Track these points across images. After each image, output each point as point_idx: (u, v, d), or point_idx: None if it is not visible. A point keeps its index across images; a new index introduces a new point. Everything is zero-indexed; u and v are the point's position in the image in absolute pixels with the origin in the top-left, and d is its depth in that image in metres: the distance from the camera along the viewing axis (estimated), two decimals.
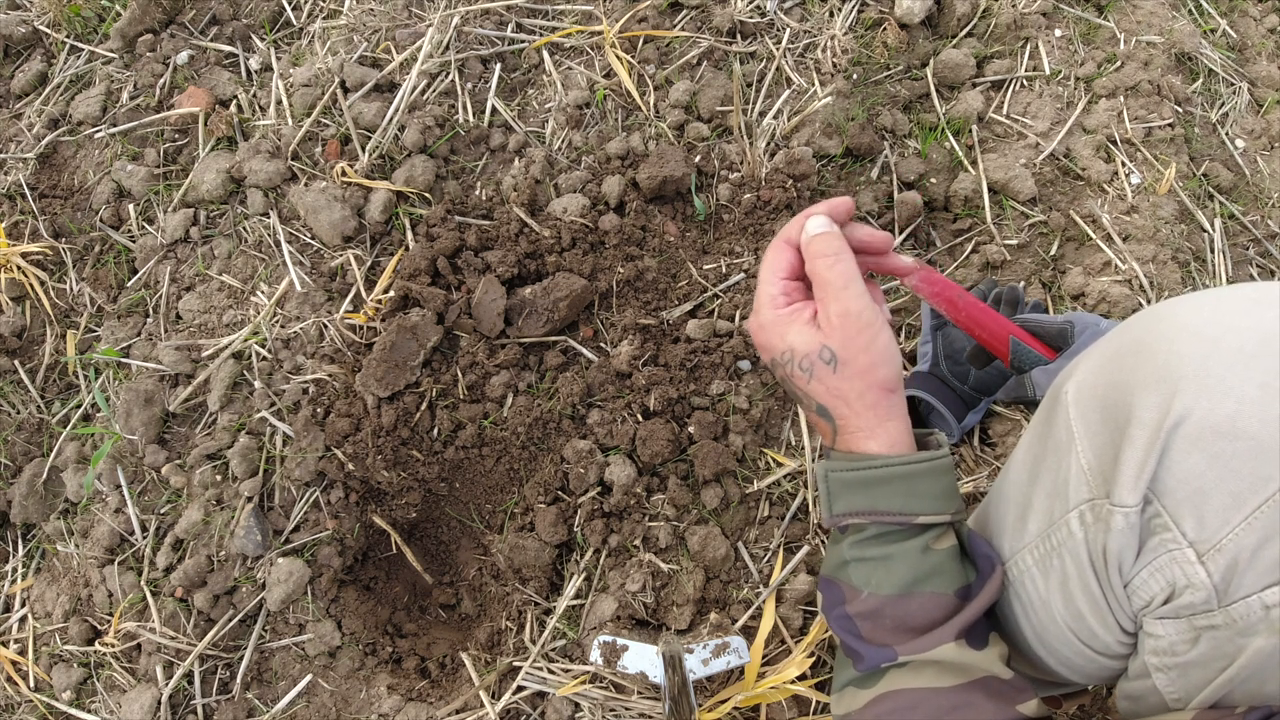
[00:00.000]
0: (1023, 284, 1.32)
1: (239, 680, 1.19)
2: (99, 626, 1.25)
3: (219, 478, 1.26)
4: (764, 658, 1.11)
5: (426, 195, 1.38)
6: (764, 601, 1.14)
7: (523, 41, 1.49)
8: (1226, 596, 0.55)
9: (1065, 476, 0.64)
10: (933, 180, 1.40)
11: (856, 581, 0.74)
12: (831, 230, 0.74)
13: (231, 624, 1.20)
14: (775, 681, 1.07)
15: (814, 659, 1.10)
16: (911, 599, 0.71)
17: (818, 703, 1.10)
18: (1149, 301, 1.28)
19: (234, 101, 1.49)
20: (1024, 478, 0.72)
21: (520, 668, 1.14)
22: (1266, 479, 0.52)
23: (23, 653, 1.27)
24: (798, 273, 0.76)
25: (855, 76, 1.45)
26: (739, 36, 1.48)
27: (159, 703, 1.17)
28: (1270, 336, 0.54)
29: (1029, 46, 1.49)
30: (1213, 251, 1.38)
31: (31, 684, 1.25)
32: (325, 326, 1.31)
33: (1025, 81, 1.47)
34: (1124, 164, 1.39)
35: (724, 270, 1.33)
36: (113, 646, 1.21)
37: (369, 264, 1.35)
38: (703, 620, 1.15)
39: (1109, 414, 0.60)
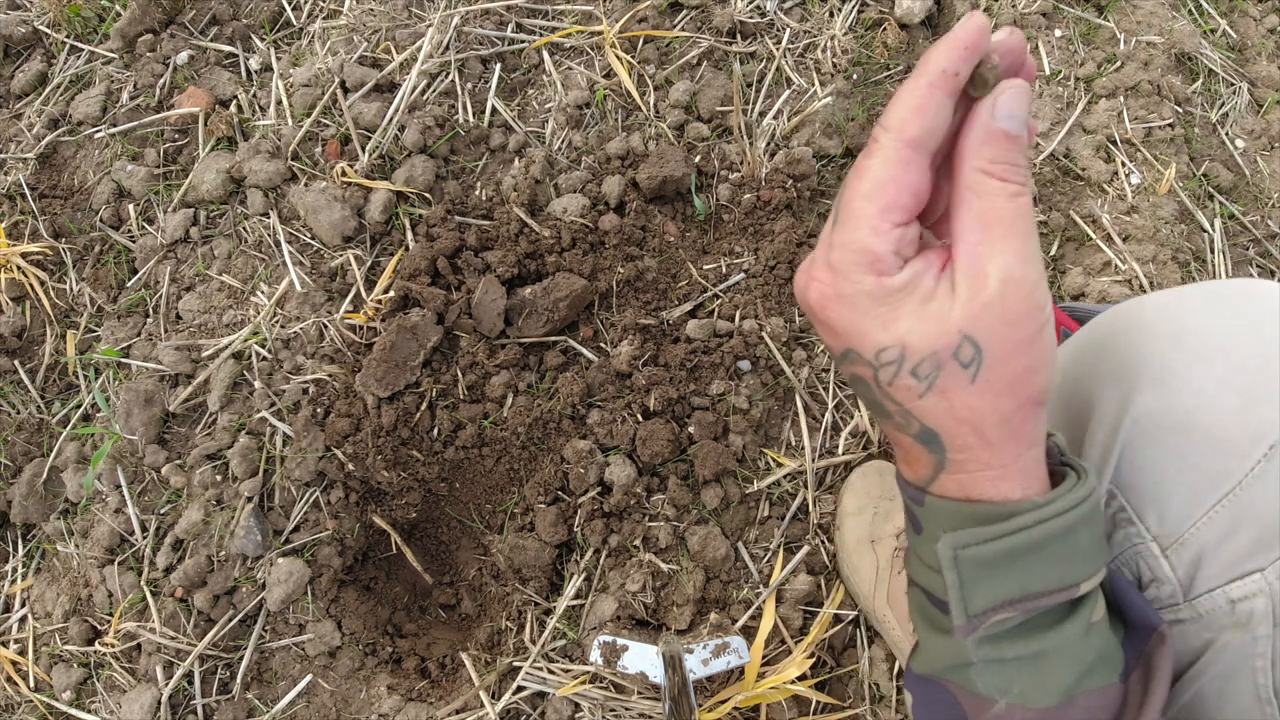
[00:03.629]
0: None
1: (239, 680, 1.19)
2: (99, 626, 1.25)
3: (219, 478, 1.26)
4: (764, 658, 1.11)
5: (426, 195, 1.38)
6: (764, 601, 1.14)
7: (523, 41, 1.49)
8: (1191, 590, 0.55)
9: None
10: None
11: (987, 689, 0.50)
12: (1025, 119, 0.44)
13: (231, 624, 1.20)
14: (775, 681, 1.07)
15: (814, 659, 1.10)
16: (1073, 707, 0.49)
17: (818, 703, 1.10)
18: None
19: (234, 101, 1.49)
20: None
21: (520, 668, 1.14)
22: (1226, 473, 0.52)
23: (23, 653, 1.27)
24: (920, 204, 0.46)
25: (855, 76, 1.45)
26: (739, 36, 1.48)
27: (159, 703, 1.17)
28: (1230, 333, 0.54)
29: (1029, 47, 1.48)
30: (1213, 252, 1.38)
31: (31, 684, 1.25)
32: (325, 326, 1.31)
33: None
34: (1124, 164, 1.39)
35: (724, 270, 1.33)
36: (113, 646, 1.21)
37: (369, 264, 1.35)
38: (703, 620, 1.15)
39: (1071, 411, 0.60)
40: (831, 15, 1.50)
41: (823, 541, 1.18)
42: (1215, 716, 0.56)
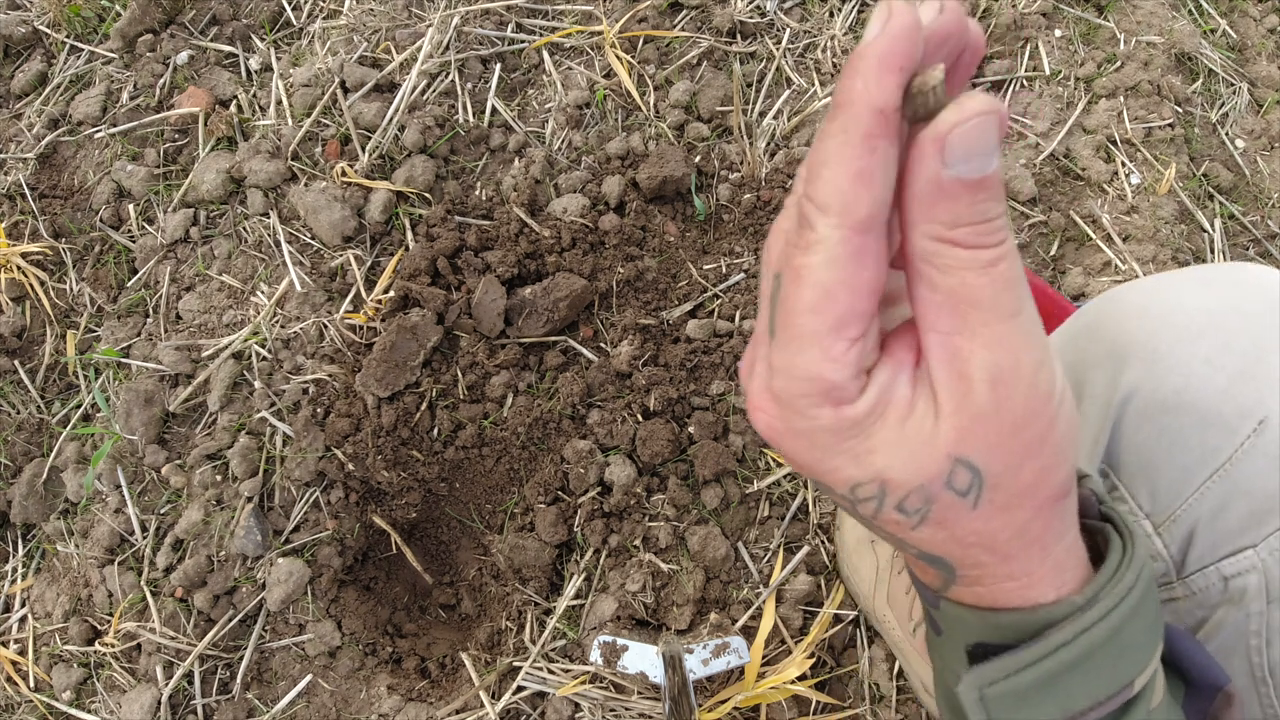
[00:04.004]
0: None
1: (239, 680, 1.19)
2: (99, 626, 1.25)
3: (219, 478, 1.26)
4: (764, 658, 1.11)
5: (426, 195, 1.38)
6: (764, 601, 1.14)
7: (523, 41, 1.49)
8: (1185, 568, 0.55)
9: None
10: None
11: None
12: (992, 151, 0.30)
13: (231, 624, 1.20)
14: (775, 681, 1.07)
15: (814, 659, 1.10)
16: None
17: (818, 703, 1.10)
18: None
19: (234, 101, 1.49)
20: None
21: (520, 668, 1.14)
22: (1215, 450, 0.52)
23: (23, 653, 1.27)
24: (878, 294, 0.33)
25: None
26: (739, 36, 1.48)
27: (159, 703, 1.17)
28: (1216, 314, 0.54)
29: (1029, 47, 1.49)
30: (1213, 252, 1.38)
31: (31, 684, 1.25)
32: (325, 326, 1.31)
33: (1025, 81, 1.47)
34: (1124, 164, 1.39)
35: (724, 270, 1.33)
36: (113, 646, 1.21)
37: (369, 264, 1.35)
38: (703, 620, 1.15)
39: None
40: (831, 15, 1.50)
41: (823, 541, 1.18)
42: None
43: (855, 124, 0.30)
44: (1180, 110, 1.46)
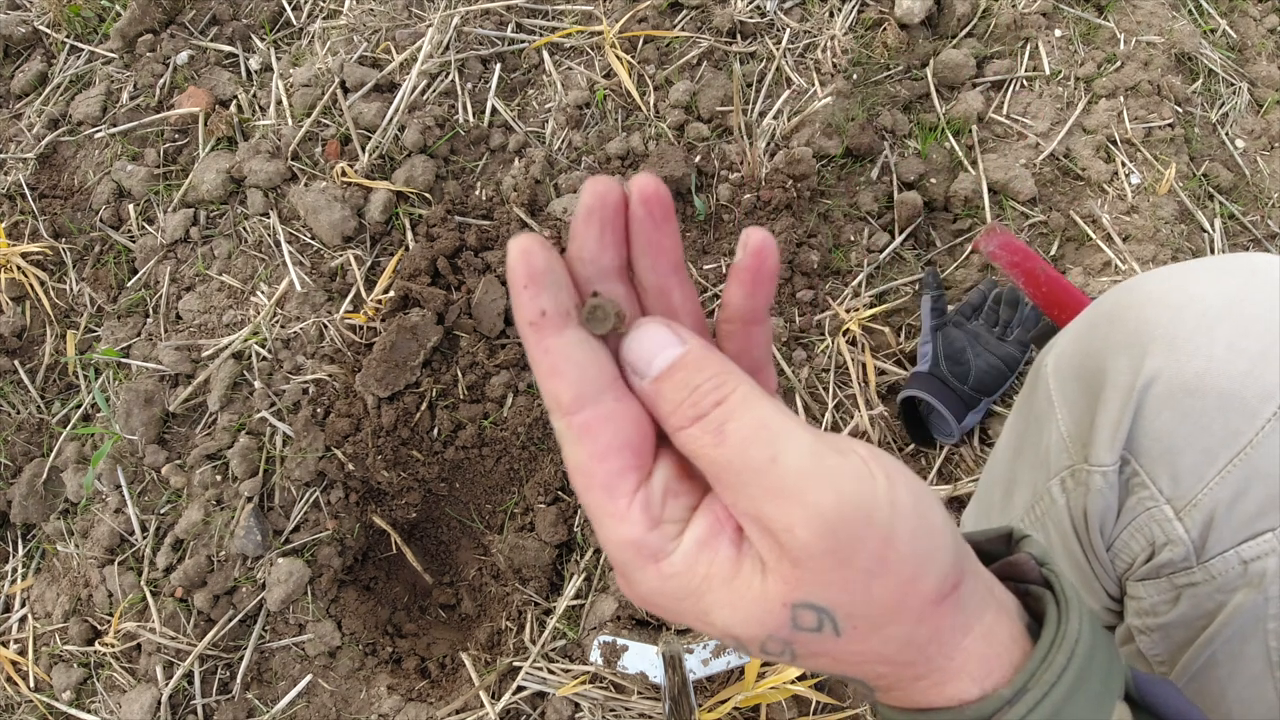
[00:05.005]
0: None
1: (239, 680, 1.19)
2: (99, 626, 1.25)
3: (219, 478, 1.26)
4: None
5: (426, 195, 1.38)
6: None
7: (523, 41, 1.49)
8: (1204, 552, 0.55)
9: (1047, 446, 0.65)
10: (933, 180, 1.40)
11: None
12: (665, 345, 0.35)
13: (231, 624, 1.20)
14: (775, 681, 1.07)
15: None
16: None
17: (818, 703, 1.10)
18: None
19: (234, 101, 1.49)
20: (1008, 455, 0.72)
21: (520, 668, 1.14)
22: (1237, 433, 0.52)
23: (23, 653, 1.27)
24: (647, 440, 0.36)
25: (855, 76, 1.45)
26: (739, 36, 1.48)
27: (159, 703, 1.17)
28: (1235, 301, 0.55)
29: (1029, 47, 1.49)
30: (1213, 252, 1.38)
31: (31, 684, 1.25)
32: (325, 326, 1.31)
33: (1025, 81, 1.47)
34: (1124, 164, 1.39)
35: (724, 270, 1.33)
36: (113, 646, 1.21)
37: (369, 264, 1.35)
38: None
39: (1085, 382, 0.61)
40: (831, 15, 1.50)
41: None
42: (1226, 684, 0.56)
43: (525, 337, 0.34)
44: (1180, 110, 1.46)
